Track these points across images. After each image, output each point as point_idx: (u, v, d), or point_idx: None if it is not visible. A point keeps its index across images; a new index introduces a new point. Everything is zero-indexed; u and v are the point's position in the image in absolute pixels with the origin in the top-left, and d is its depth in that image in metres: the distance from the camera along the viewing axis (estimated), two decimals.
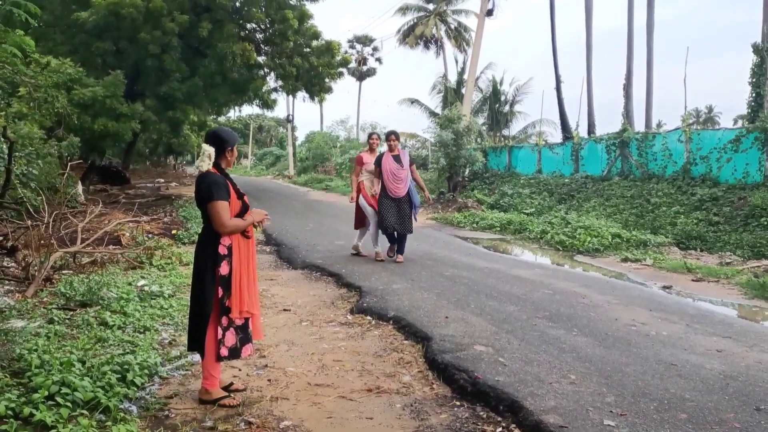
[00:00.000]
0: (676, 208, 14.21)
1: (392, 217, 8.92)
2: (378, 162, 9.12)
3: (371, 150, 9.68)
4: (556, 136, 29.89)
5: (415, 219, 9.32)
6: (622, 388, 4.19)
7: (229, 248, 3.92)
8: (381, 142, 9.87)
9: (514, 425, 3.75)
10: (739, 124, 23.62)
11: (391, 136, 9.18)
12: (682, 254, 11.33)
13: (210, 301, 3.87)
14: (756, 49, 16.15)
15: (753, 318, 7.07)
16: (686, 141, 15.71)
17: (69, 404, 3.55)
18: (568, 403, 3.91)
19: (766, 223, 11.88)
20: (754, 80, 16.27)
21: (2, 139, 8.87)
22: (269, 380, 4.45)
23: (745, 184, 13.81)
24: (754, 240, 11.52)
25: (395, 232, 9.15)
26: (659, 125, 43.77)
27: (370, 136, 10.01)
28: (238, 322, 3.98)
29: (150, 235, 10.50)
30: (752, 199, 12.74)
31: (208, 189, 3.86)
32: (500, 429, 3.72)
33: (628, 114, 23.05)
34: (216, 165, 3.96)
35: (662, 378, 4.42)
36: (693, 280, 8.96)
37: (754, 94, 16.22)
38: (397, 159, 9.08)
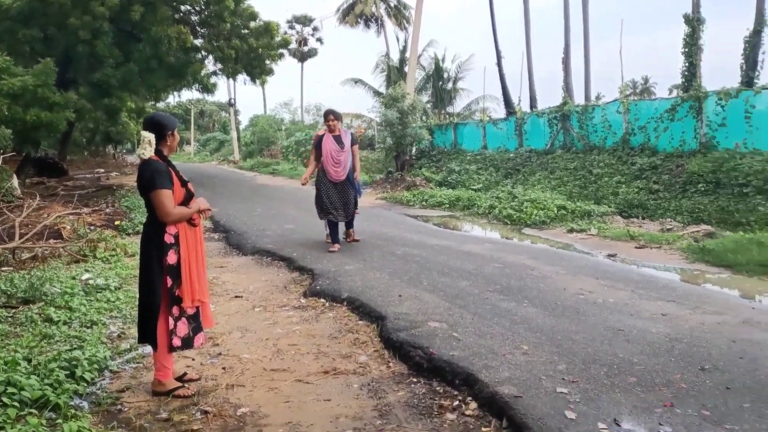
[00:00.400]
0: (618, 178, 14.60)
1: (332, 202, 8.48)
2: (318, 143, 8.62)
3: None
4: (499, 111, 30.22)
5: (356, 207, 8.80)
6: (572, 356, 4.30)
7: (176, 237, 3.84)
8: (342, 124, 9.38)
9: (470, 398, 3.80)
10: (674, 93, 24.30)
11: (330, 116, 8.58)
12: (625, 222, 11.66)
13: (159, 292, 3.79)
14: (687, 19, 16.59)
15: (694, 281, 7.34)
16: (624, 112, 16.11)
17: (16, 404, 3.44)
18: (522, 373, 3.99)
19: (703, 189, 12.33)
20: (686, 50, 16.72)
21: None
22: (224, 368, 4.39)
23: (682, 151, 14.27)
24: (693, 206, 11.95)
25: (337, 220, 8.68)
26: (598, 97, 44.88)
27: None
28: (190, 311, 3.92)
29: (92, 227, 10.19)
30: (689, 166, 13.19)
31: (151, 177, 3.76)
32: (457, 402, 3.78)
33: (567, 87, 23.42)
34: (158, 152, 3.86)
35: (611, 344, 4.56)
36: (636, 248, 9.24)
37: (687, 64, 16.67)
38: (338, 140, 8.51)
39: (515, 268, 7.38)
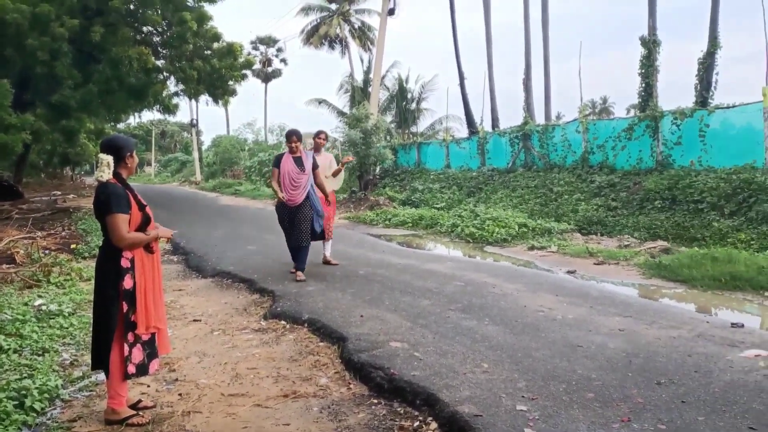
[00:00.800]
0: (577, 196, 14.86)
1: (288, 227, 7.95)
2: (276, 163, 8.07)
3: (316, 149, 8.91)
4: (462, 131, 30.56)
5: (318, 228, 8.10)
6: (532, 373, 4.32)
7: (132, 261, 3.76)
8: (309, 143, 9.33)
9: (430, 418, 3.78)
10: (632, 113, 24.90)
11: (293, 137, 7.99)
12: (584, 239, 11.85)
13: (114, 317, 3.70)
14: (644, 41, 17.09)
15: (651, 296, 7.47)
16: (583, 131, 16.45)
17: None
18: (482, 391, 3.99)
19: (659, 205, 12.61)
20: (643, 71, 17.19)
21: None
22: (180, 394, 4.29)
23: (639, 169, 14.61)
24: (650, 222, 12.21)
25: (301, 245, 8.02)
26: (558, 117, 45.69)
27: (317, 134, 9.18)
28: (145, 337, 3.82)
29: (47, 251, 9.93)
30: (646, 183, 13.50)
31: (107, 200, 3.69)
32: (417, 423, 3.75)
33: (528, 107, 23.82)
34: (116, 174, 3.79)
35: (570, 360, 4.59)
36: (595, 264, 9.38)
37: (643, 84, 17.13)
38: (299, 162, 7.93)
39: (477, 286, 7.41)
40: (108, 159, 3.73)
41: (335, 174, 9.29)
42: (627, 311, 6.09)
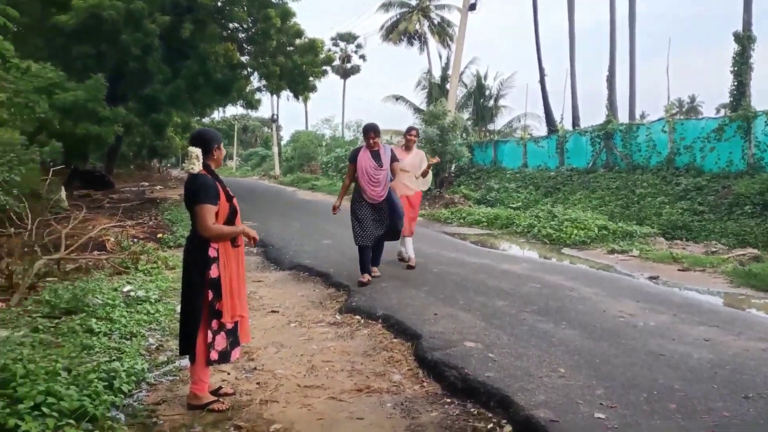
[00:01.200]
0: (661, 199, 14.31)
1: (367, 226, 7.50)
2: (353, 158, 7.66)
3: (407, 148, 8.60)
4: (540, 129, 30.00)
5: (399, 226, 7.65)
6: (611, 380, 4.20)
7: (218, 251, 3.89)
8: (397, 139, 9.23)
9: (504, 421, 3.74)
10: (722, 113, 23.76)
11: (371, 133, 7.52)
12: (668, 244, 11.41)
13: (200, 305, 3.84)
14: (737, 37, 16.29)
15: (739, 306, 7.12)
16: (670, 131, 15.82)
17: (55, 414, 3.49)
18: (558, 396, 3.91)
19: (750, 211, 11.99)
20: (735, 69, 16.40)
21: None
22: (258, 383, 4.42)
23: (728, 172, 13.93)
24: (739, 228, 11.62)
25: (378, 243, 7.76)
26: (643, 116, 44.06)
27: (408, 131, 8.78)
28: (229, 325, 3.95)
29: (135, 240, 10.41)
30: (736, 187, 12.85)
31: (197, 191, 3.83)
32: (491, 425, 3.72)
33: (611, 105, 23.10)
34: (205, 166, 3.93)
35: (651, 369, 4.44)
36: (679, 270, 9.02)
37: (736, 83, 16.35)
38: (376, 157, 7.50)
39: (553, 288, 7.27)
40: (197, 151, 3.87)
41: (424, 174, 8.57)
42: (713, 320, 5.83)
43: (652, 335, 5.33)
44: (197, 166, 3.87)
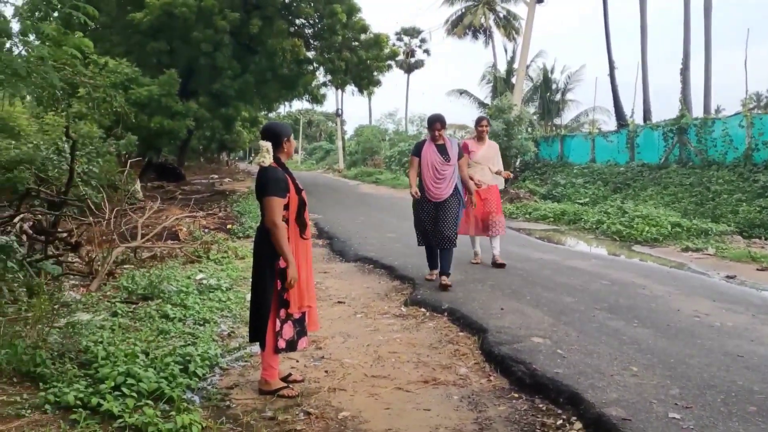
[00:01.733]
0: (738, 196, 13.72)
1: (425, 227, 6.99)
2: (416, 151, 7.07)
3: (479, 138, 8.19)
4: (609, 124, 29.18)
5: (452, 233, 6.85)
6: (686, 380, 4.07)
7: (288, 241, 3.96)
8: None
9: (574, 418, 3.68)
10: None
11: (437, 124, 6.86)
12: (746, 243, 10.94)
13: (270, 293, 3.91)
14: None
15: None
16: (748, 126, 15.13)
17: (134, 394, 3.65)
18: (631, 395, 3.82)
19: None
20: None
21: (65, 139, 9.17)
22: (326, 371, 4.48)
23: None
24: None
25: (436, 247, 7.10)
26: (718, 111, 42.24)
27: (479, 122, 8.26)
28: (296, 315, 4.02)
29: (206, 230, 10.71)
30: None
31: (266, 184, 3.90)
32: (560, 421, 3.67)
33: (685, 99, 22.24)
34: (276, 159, 4.00)
35: (728, 370, 4.28)
36: (758, 270, 8.64)
37: None
38: (442, 150, 6.86)
39: (624, 285, 7.08)
40: (267, 145, 3.94)
41: (498, 173, 8.26)
42: None
43: (730, 336, 5.13)
44: (268, 159, 3.94)
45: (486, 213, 8.03)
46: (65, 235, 7.60)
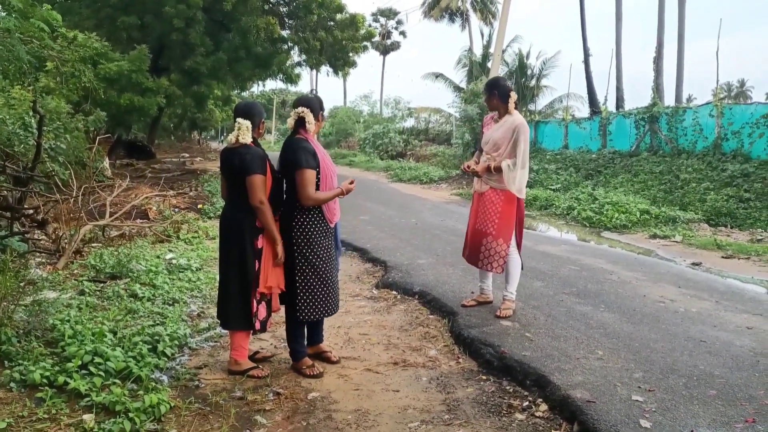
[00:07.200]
0: (706, 184, 13.96)
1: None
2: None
3: (500, 115, 5.26)
4: (583, 110, 29.37)
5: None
6: (650, 364, 4.15)
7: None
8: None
9: (540, 399, 3.74)
10: None
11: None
12: (712, 231, 11.16)
13: (251, 273, 3.89)
14: None
15: None
16: (718, 116, 15.37)
17: (102, 373, 3.62)
18: (596, 378, 3.89)
19: None
20: None
21: (32, 113, 8.95)
22: None
23: None
24: None
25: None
26: (689, 100, 42.89)
27: (489, 90, 5.35)
28: (268, 296, 4.01)
29: (176, 210, 10.60)
30: None
31: (251, 162, 3.84)
32: (527, 403, 3.72)
33: (658, 88, 22.51)
34: (252, 138, 3.98)
35: (691, 354, 4.38)
36: (723, 257, 8.83)
37: None
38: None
39: (592, 271, 7.19)
40: (246, 123, 3.90)
41: (496, 169, 5.11)
42: (757, 309, 5.71)
43: (693, 321, 5.24)
44: (248, 137, 3.90)
45: (477, 233, 5.32)
46: (32, 211, 7.45)
